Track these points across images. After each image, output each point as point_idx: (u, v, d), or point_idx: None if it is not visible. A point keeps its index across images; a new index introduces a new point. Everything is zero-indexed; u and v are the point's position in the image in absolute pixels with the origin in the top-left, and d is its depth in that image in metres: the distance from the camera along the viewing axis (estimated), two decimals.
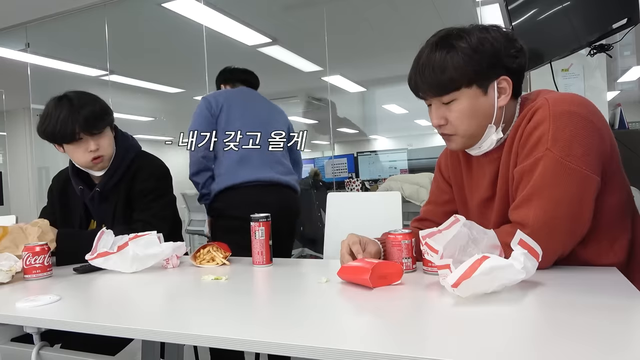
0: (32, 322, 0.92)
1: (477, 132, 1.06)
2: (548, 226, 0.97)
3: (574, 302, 0.81)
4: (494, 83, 1.03)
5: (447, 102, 1.04)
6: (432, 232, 1.01)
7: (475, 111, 1.03)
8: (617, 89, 6.04)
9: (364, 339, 0.71)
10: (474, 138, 1.08)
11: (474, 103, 1.03)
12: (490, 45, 1.00)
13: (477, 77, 1.01)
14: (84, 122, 1.46)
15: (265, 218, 1.31)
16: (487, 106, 1.04)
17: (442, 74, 1.00)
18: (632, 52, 4.58)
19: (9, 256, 1.26)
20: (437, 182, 1.32)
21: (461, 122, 1.05)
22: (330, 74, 5.19)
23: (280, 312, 0.88)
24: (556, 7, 2.03)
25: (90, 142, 1.50)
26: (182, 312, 0.91)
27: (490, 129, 1.06)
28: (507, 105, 1.06)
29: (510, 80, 1.04)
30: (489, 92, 1.03)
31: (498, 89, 1.03)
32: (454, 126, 1.06)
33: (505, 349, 0.64)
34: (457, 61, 0.99)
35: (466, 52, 0.99)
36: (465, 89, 1.02)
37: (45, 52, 4.93)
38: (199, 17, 4.20)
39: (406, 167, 5.26)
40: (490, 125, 1.06)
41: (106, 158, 1.56)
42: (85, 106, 1.48)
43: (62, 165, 1.74)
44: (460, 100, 1.03)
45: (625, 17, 1.71)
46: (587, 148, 0.96)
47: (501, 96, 1.04)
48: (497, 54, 1.00)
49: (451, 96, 1.03)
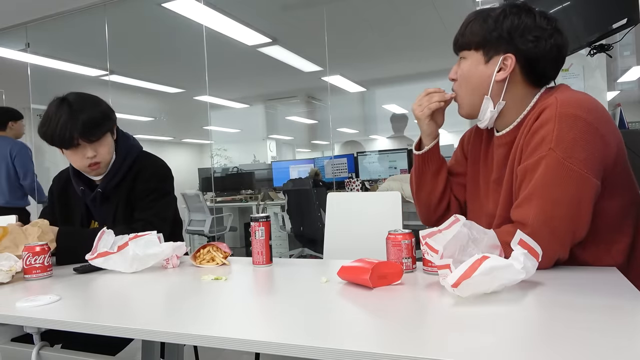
0: (32, 322, 0.92)
1: (474, 100, 1.12)
2: (548, 226, 0.98)
3: (573, 302, 0.81)
4: (499, 57, 1.07)
5: (460, 58, 1.13)
6: (432, 232, 1.01)
7: (471, 76, 1.10)
8: (617, 89, 6.04)
9: (364, 339, 0.71)
10: (474, 107, 1.13)
11: (473, 67, 1.10)
12: (510, 22, 1.05)
13: (484, 44, 1.08)
14: (82, 128, 1.44)
15: (265, 218, 1.31)
16: (484, 75, 1.09)
17: (465, 29, 1.10)
18: (632, 52, 4.58)
19: (9, 256, 1.26)
20: (456, 154, 1.38)
21: (462, 81, 1.12)
22: (330, 74, 5.20)
23: (280, 312, 0.88)
24: (556, 7, 2.03)
25: (88, 149, 1.49)
26: (182, 312, 0.91)
27: (487, 101, 1.10)
28: (516, 89, 1.09)
29: (515, 61, 1.06)
30: (491, 63, 1.08)
31: (502, 64, 1.07)
32: (459, 86, 1.14)
33: (505, 349, 0.64)
34: (478, 24, 1.08)
35: (488, 20, 1.07)
36: (473, 52, 1.09)
37: (45, 52, 4.94)
38: (199, 17, 4.20)
39: (406, 167, 5.26)
40: (487, 97, 1.09)
41: (103, 165, 1.55)
42: (85, 111, 1.46)
43: (62, 166, 1.74)
44: (466, 60, 1.11)
45: (625, 17, 1.71)
46: (589, 152, 0.96)
47: (500, 71, 1.07)
48: (511, 32, 1.05)
49: (462, 54, 1.12)
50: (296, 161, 6.73)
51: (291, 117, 10.12)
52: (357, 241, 1.62)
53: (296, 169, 6.03)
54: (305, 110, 9.59)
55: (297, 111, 9.73)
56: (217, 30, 4.49)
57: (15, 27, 4.49)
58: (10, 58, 4.96)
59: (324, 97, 7.78)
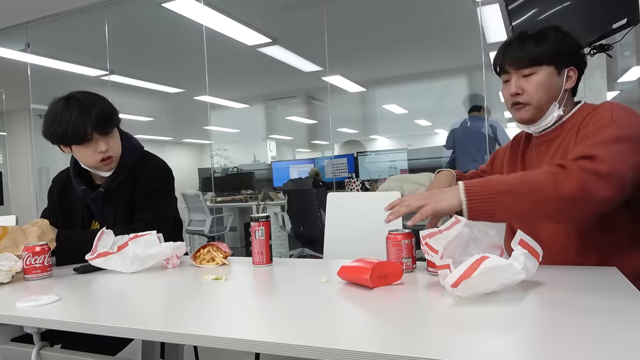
0: (32, 322, 0.92)
1: (544, 105, 1.24)
2: (614, 159, 1.01)
3: (574, 302, 0.81)
4: (566, 70, 1.23)
5: (527, 74, 1.23)
6: (432, 232, 1.01)
7: (549, 86, 1.22)
8: (617, 89, 6.04)
9: (364, 339, 0.71)
10: (541, 111, 1.24)
11: (549, 79, 1.22)
12: (571, 39, 1.24)
13: (557, 59, 1.21)
14: (95, 122, 1.46)
15: (265, 218, 1.31)
16: (557, 85, 1.23)
17: (534, 48, 1.22)
18: (632, 52, 4.58)
19: (9, 256, 1.26)
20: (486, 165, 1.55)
21: (536, 91, 1.23)
22: (330, 74, 5.19)
23: (280, 312, 0.88)
24: (556, 7, 2.03)
25: (100, 143, 1.50)
26: (182, 312, 0.91)
27: (554, 106, 1.24)
28: (569, 97, 1.26)
29: (577, 73, 1.24)
30: (561, 75, 1.23)
31: (567, 75, 1.23)
32: (529, 95, 1.23)
33: (505, 349, 0.64)
34: (548, 43, 1.21)
35: (557, 38, 1.22)
36: (546, 66, 1.22)
37: (45, 52, 4.93)
38: (199, 17, 4.20)
39: (406, 167, 5.26)
40: (555, 103, 1.23)
41: (115, 159, 1.56)
42: (95, 106, 1.48)
43: (62, 166, 1.74)
44: (539, 74, 1.22)
45: (625, 18, 1.71)
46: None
47: (568, 81, 1.24)
48: (575, 48, 1.24)
49: (532, 69, 1.22)
50: (296, 161, 6.73)
51: (291, 117, 10.12)
52: (357, 241, 1.62)
53: (296, 169, 6.03)
54: (305, 110, 9.58)
55: (297, 111, 9.73)
56: (217, 30, 4.48)
57: (15, 27, 4.49)
58: (10, 58, 4.96)
59: (324, 97, 7.77)
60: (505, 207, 1.00)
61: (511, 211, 1.02)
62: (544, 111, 1.24)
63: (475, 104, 4.52)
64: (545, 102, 1.23)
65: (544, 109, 1.24)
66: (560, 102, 1.24)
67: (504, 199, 1.00)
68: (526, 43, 1.23)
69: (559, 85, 1.23)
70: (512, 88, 1.24)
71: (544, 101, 1.23)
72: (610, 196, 0.99)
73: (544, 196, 0.98)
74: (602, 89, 2.61)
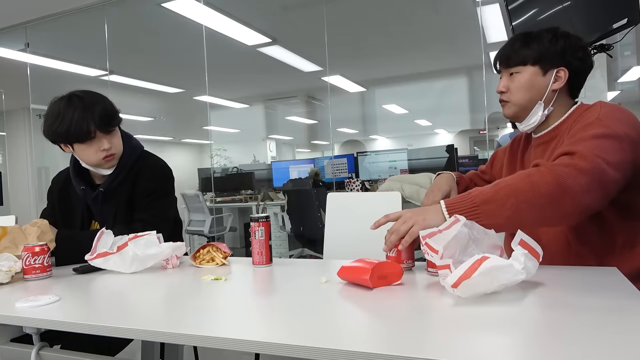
0: (32, 322, 0.92)
1: (527, 105, 1.25)
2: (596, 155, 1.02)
3: (574, 303, 0.81)
4: (554, 70, 1.23)
5: (512, 73, 1.26)
6: (432, 232, 1.01)
7: (531, 86, 1.24)
8: (617, 89, 6.04)
9: (364, 340, 0.71)
10: (524, 110, 1.26)
11: (532, 78, 1.24)
12: (562, 42, 1.23)
13: (543, 60, 1.23)
14: (99, 120, 1.46)
15: (265, 218, 1.30)
16: (541, 85, 1.24)
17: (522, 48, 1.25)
18: (632, 52, 4.58)
19: (9, 256, 1.26)
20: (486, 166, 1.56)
21: (518, 90, 1.25)
22: (330, 74, 5.20)
23: (279, 312, 0.88)
24: (556, 7, 2.03)
25: (103, 141, 1.50)
26: (182, 312, 0.91)
27: (539, 106, 1.25)
28: (561, 97, 1.25)
29: (568, 74, 1.23)
30: (547, 75, 1.23)
31: (555, 76, 1.23)
32: (511, 93, 1.27)
33: (505, 349, 0.64)
34: (537, 44, 1.24)
35: (543, 41, 1.23)
36: (530, 66, 1.24)
37: (45, 52, 4.93)
38: (199, 17, 4.20)
39: (406, 167, 5.26)
40: (540, 102, 1.24)
41: (117, 156, 1.56)
42: (98, 104, 1.48)
43: (62, 165, 1.74)
44: (523, 74, 1.25)
45: (625, 18, 1.71)
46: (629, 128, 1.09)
47: (556, 82, 1.23)
48: (564, 50, 1.23)
49: (517, 69, 1.25)
50: (296, 161, 6.72)
51: (291, 117, 10.12)
52: (357, 241, 1.62)
53: (296, 169, 6.03)
54: (305, 110, 9.58)
55: (297, 111, 9.73)
56: (217, 30, 4.48)
57: (15, 27, 4.49)
58: (10, 58, 4.96)
59: (324, 97, 7.77)
60: (490, 216, 1.01)
61: (498, 218, 1.01)
62: (528, 110, 1.26)
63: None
64: (526, 101, 1.25)
65: (527, 108, 1.26)
66: (547, 102, 1.25)
67: (487, 207, 1.01)
68: (516, 43, 1.26)
69: (543, 85, 1.24)
70: (499, 85, 1.30)
71: (525, 100, 1.25)
72: (590, 189, 0.99)
73: (524, 197, 0.99)
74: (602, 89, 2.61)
